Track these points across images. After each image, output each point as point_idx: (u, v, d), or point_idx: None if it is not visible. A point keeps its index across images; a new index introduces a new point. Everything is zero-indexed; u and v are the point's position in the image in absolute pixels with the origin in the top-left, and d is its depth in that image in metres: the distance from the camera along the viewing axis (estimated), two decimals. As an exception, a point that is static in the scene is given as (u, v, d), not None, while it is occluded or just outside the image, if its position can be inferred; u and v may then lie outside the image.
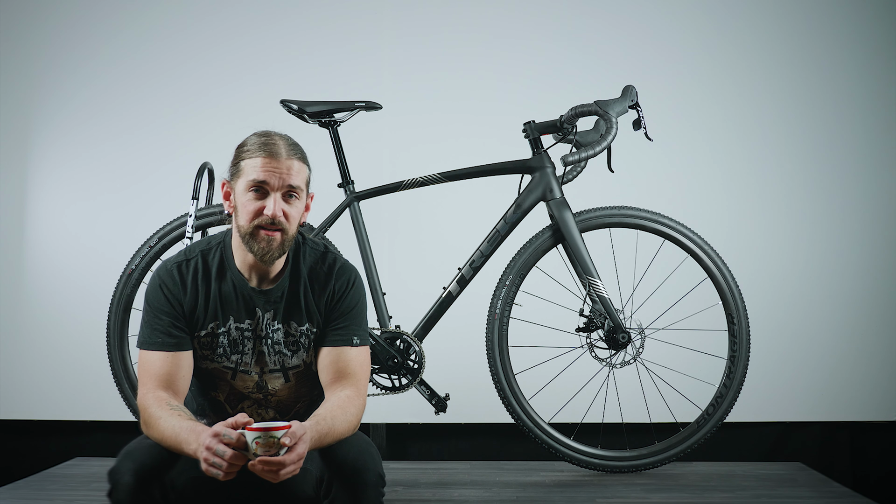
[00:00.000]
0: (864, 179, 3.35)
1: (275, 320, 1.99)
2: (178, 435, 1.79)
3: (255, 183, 1.91)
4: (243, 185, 1.92)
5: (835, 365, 3.32)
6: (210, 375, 2.02)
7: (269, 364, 2.00)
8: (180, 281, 1.97)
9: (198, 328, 1.98)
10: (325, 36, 3.43)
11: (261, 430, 1.71)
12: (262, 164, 1.91)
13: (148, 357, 1.94)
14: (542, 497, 2.45)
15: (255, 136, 1.96)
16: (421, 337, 2.68)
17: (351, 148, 2.80)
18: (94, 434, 3.37)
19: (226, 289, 1.98)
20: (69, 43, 3.46)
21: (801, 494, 2.51)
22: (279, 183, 1.91)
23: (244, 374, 2.00)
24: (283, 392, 2.03)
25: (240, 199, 1.93)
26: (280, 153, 1.92)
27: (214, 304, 1.97)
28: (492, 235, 2.70)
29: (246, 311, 1.99)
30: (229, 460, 1.71)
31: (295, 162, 1.94)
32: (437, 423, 2.90)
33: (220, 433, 1.72)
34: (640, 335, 2.68)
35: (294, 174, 1.93)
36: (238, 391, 2.02)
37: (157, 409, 1.85)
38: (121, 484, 1.77)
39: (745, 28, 3.39)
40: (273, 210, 1.90)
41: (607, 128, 2.55)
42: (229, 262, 1.99)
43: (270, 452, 1.70)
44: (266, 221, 1.91)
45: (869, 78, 3.36)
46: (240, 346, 1.99)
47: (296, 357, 2.01)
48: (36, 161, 3.46)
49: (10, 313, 3.41)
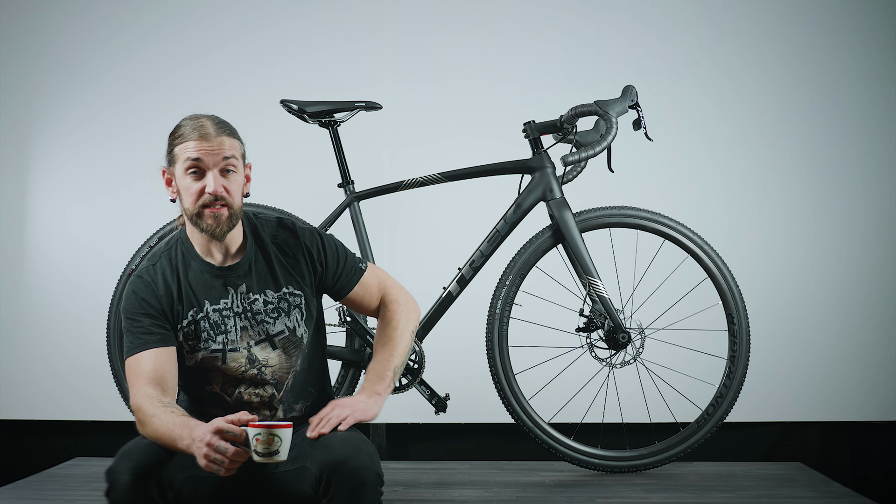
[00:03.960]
0: (864, 179, 3.35)
1: (249, 292, 2.05)
2: (172, 431, 1.81)
3: (192, 163, 1.98)
4: (181, 169, 2.00)
5: (834, 365, 3.32)
6: (201, 370, 2.04)
7: (254, 336, 2.04)
8: (151, 282, 2.02)
9: (179, 320, 2.02)
10: (325, 36, 3.43)
11: (262, 427, 1.74)
12: (194, 146, 1.98)
13: (134, 361, 1.96)
14: (542, 497, 2.45)
15: (185, 120, 2.04)
16: (421, 337, 2.68)
17: (351, 148, 2.80)
18: (94, 434, 3.37)
19: (193, 276, 2.04)
20: (69, 43, 3.46)
21: (801, 494, 2.51)
22: (213, 160, 1.98)
23: (233, 352, 2.03)
24: (275, 361, 2.06)
25: (181, 183, 2.01)
26: (209, 132, 1.99)
27: (188, 293, 2.02)
28: (492, 235, 2.70)
29: (218, 291, 2.04)
30: (231, 457, 1.73)
31: (225, 138, 2.01)
32: (437, 423, 2.89)
33: (223, 429, 1.74)
34: (640, 335, 2.68)
35: (227, 148, 2.00)
36: (231, 376, 2.04)
37: (149, 407, 1.88)
38: (119, 483, 1.78)
39: (745, 28, 3.39)
40: (214, 187, 1.97)
41: (607, 128, 2.55)
42: (190, 252, 2.05)
43: (270, 450, 1.73)
44: (209, 200, 1.97)
45: (869, 78, 3.36)
46: (222, 326, 2.02)
47: (278, 323, 2.05)
48: (36, 161, 3.46)
49: (10, 313, 3.41)
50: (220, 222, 1.99)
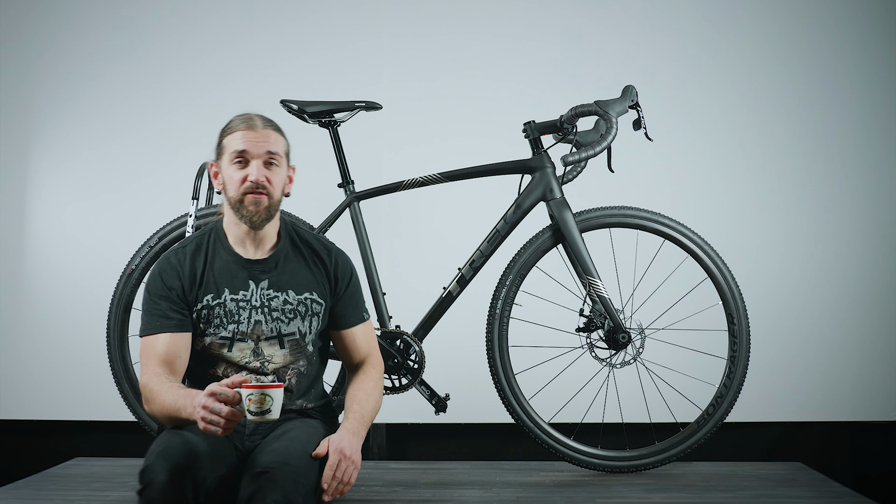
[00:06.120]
0: (864, 179, 3.35)
1: (270, 288, 2.13)
2: (177, 402, 1.92)
3: (237, 153, 2.09)
4: (227, 160, 2.11)
5: (835, 365, 3.32)
6: (206, 354, 2.12)
7: (265, 332, 2.11)
8: (178, 264, 2.12)
9: (195, 303, 2.10)
10: (325, 36, 3.43)
11: (254, 388, 1.83)
12: (241, 137, 2.10)
13: (148, 341, 2.07)
14: (542, 497, 2.45)
15: (235, 117, 2.15)
16: (421, 337, 2.68)
17: (351, 148, 2.80)
18: (94, 434, 3.37)
19: (219, 263, 2.13)
20: (69, 43, 3.46)
21: (801, 494, 2.51)
22: (258, 150, 2.09)
23: (241, 342, 2.10)
24: (279, 359, 2.13)
25: (226, 173, 2.12)
26: (256, 125, 2.12)
27: (209, 278, 2.11)
28: (492, 235, 2.69)
29: (241, 282, 2.12)
30: (226, 416, 1.82)
31: (271, 132, 2.12)
32: (437, 423, 2.90)
33: (217, 392, 1.85)
34: (640, 335, 2.68)
35: (272, 142, 2.12)
36: (235, 363, 2.11)
37: (156, 384, 1.99)
38: (155, 482, 1.81)
39: (745, 28, 3.39)
40: (256, 175, 2.08)
41: (607, 128, 2.55)
42: (222, 241, 2.15)
43: (263, 409, 1.83)
44: (251, 187, 2.08)
45: (869, 78, 3.36)
46: (236, 315, 2.10)
47: (292, 324, 2.13)
48: (36, 161, 3.46)
49: (10, 313, 3.42)
50: (260, 209, 2.08)
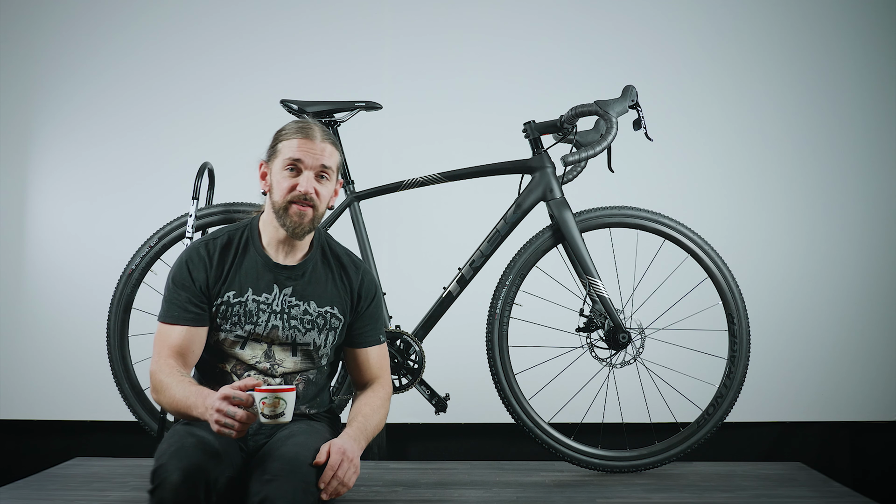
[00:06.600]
0: (864, 179, 3.35)
1: (293, 296, 2.13)
2: (188, 399, 1.92)
3: (291, 161, 2.08)
4: (280, 164, 2.09)
5: (834, 365, 3.32)
6: (219, 349, 2.12)
7: (280, 338, 2.11)
8: (206, 256, 2.11)
9: (217, 297, 2.10)
10: (325, 36, 3.43)
11: (268, 391, 1.85)
12: (298, 145, 2.09)
13: (164, 329, 2.08)
14: (542, 497, 2.45)
15: (293, 122, 2.14)
16: (421, 337, 2.68)
17: (351, 148, 2.80)
18: (94, 434, 3.37)
19: (248, 262, 2.12)
20: (69, 43, 3.46)
21: (801, 494, 2.51)
22: (313, 162, 2.09)
23: (254, 342, 2.11)
24: (289, 364, 2.14)
25: (276, 178, 2.10)
26: (315, 136, 2.09)
27: (235, 275, 2.11)
28: (492, 235, 2.69)
29: (265, 284, 2.12)
30: (240, 420, 1.83)
31: (328, 145, 2.11)
32: (437, 423, 2.90)
33: (230, 395, 1.84)
34: (640, 335, 2.68)
35: (327, 156, 2.10)
36: (245, 362, 2.11)
37: (167, 376, 1.99)
38: (168, 482, 1.81)
39: (745, 28, 3.39)
40: (306, 187, 2.07)
41: (607, 128, 2.55)
42: (255, 240, 2.14)
43: (276, 412, 1.85)
44: (299, 197, 2.07)
45: (869, 78, 3.37)
46: (255, 317, 2.10)
47: (309, 335, 2.13)
48: (36, 161, 3.46)
49: (10, 313, 3.42)
50: (304, 222, 2.08)
